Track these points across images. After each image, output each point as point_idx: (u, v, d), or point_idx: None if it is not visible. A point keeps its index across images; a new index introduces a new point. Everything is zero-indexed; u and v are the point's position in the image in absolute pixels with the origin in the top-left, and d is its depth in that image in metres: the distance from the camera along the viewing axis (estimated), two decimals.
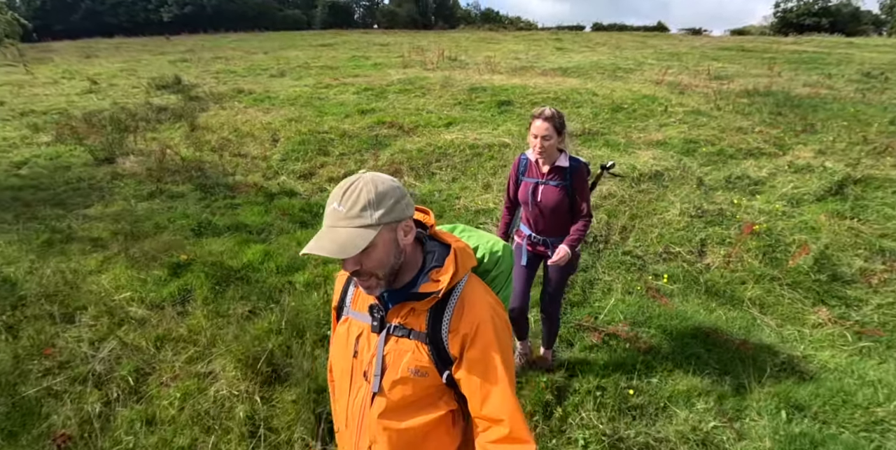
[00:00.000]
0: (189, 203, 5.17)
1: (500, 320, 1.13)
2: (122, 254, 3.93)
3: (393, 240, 1.04)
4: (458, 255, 1.11)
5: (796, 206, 5.01)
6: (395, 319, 1.12)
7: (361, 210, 0.98)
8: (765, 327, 3.41)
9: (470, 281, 1.14)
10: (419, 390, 1.11)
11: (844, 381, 2.83)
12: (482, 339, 1.07)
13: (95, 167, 6.38)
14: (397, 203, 1.02)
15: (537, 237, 2.64)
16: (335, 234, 0.98)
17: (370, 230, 0.98)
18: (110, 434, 2.35)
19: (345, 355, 1.19)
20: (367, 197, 0.98)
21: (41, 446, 2.28)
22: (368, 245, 0.97)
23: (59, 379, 2.67)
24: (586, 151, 6.72)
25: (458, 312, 1.09)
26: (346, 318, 1.22)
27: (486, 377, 1.07)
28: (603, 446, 2.28)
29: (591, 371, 2.78)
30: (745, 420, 2.51)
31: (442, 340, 1.09)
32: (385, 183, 1.02)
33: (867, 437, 2.43)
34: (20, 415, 2.47)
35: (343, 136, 7.21)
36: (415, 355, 1.10)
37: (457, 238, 1.18)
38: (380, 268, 1.03)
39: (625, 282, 3.84)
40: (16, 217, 4.80)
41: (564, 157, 2.45)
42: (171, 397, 2.49)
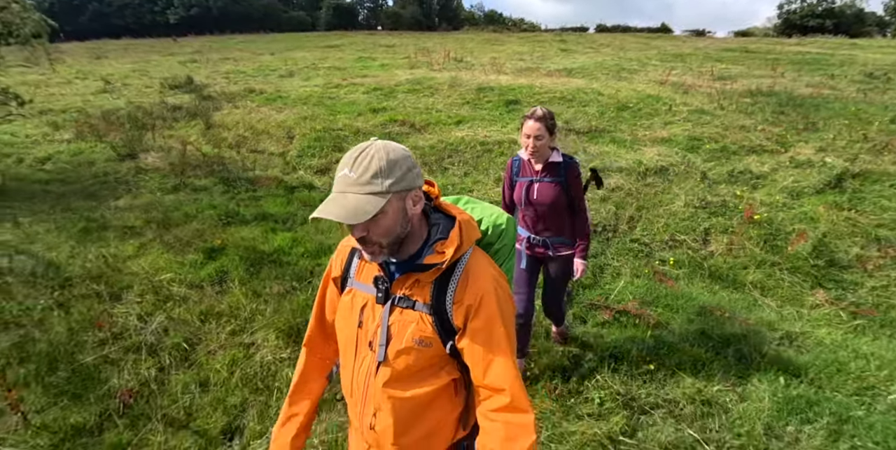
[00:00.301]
0: (213, 195, 5.44)
1: (503, 292, 1.15)
2: (156, 240, 4.20)
3: (401, 209, 1.05)
4: (463, 227, 1.12)
5: (796, 198, 5.26)
6: (400, 291, 1.14)
7: (372, 177, 0.99)
8: (765, 307, 3.66)
9: (474, 253, 1.16)
10: (423, 360, 1.13)
11: (839, 353, 3.08)
12: (485, 310, 1.10)
13: (118, 163, 6.65)
14: (408, 172, 1.03)
15: (536, 238, 2.64)
16: (345, 199, 0.99)
17: (380, 197, 0.99)
18: (167, 394, 2.60)
19: (350, 326, 1.21)
20: (379, 164, 0.99)
21: (105, 405, 2.54)
22: (377, 212, 0.99)
23: (114, 348, 2.93)
24: (594, 147, 6.98)
25: (463, 283, 1.11)
26: (351, 289, 1.24)
27: (489, 347, 1.09)
28: (617, 403, 2.53)
29: (604, 343, 3.03)
30: (746, 385, 2.75)
31: (446, 311, 1.11)
32: (397, 151, 1.03)
33: (858, 400, 2.67)
34: (80, 380, 2.72)
35: (357, 133, 7.49)
36: (419, 325, 1.12)
37: (461, 210, 1.19)
38: (386, 236, 1.05)
39: (633, 267, 4.09)
40: (51, 207, 5.07)
41: (557, 153, 2.50)
42: (221, 363, 2.75)
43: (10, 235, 4.35)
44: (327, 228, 4.47)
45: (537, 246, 2.67)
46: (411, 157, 1.06)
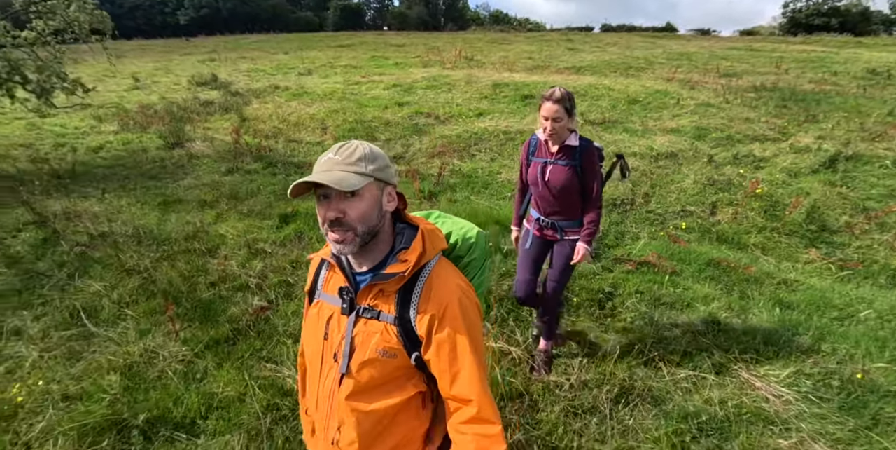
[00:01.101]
0: (265, 177, 6.14)
1: (469, 301, 1.15)
2: (231, 210, 4.92)
3: (378, 199, 1.09)
4: (427, 236, 1.15)
5: (794, 177, 5.97)
6: (365, 301, 1.15)
7: (358, 160, 1.05)
8: (765, 263, 4.35)
9: (439, 263, 1.18)
10: (388, 372, 1.14)
11: (826, 293, 3.77)
12: (450, 320, 1.10)
13: (169, 151, 7.37)
14: (388, 167, 1.10)
15: (545, 220, 2.65)
16: (331, 174, 1.03)
17: (363, 178, 1.04)
18: (281, 317, 3.30)
19: (316, 338, 1.22)
20: (363, 151, 1.07)
21: (233, 325, 3.23)
22: (358, 191, 1.03)
23: (225, 287, 3.63)
24: (608, 136, 7.69)
25: (426, 293, 1.12)
26: (318, 300, 1.25)
27: (455, 358, 1.10)
28: (644, 322, 3.23)
29: (630, 284, 3.72)
30: (748, 313, 3.44)
31: (410, 321, 1.12)
32: (377, 148, 1.10)
33: (839, 323, 3.37)
34: (203, 309, 3.42)
35: (386, 124, 8.22)
36: (383, 336, 1.13)
37: (427, 222, 1.23)
38: (361, 221, 1.06)
39: (650, 231, 4.80)
40: (122, 187, 5.78)
41: (574, 136, 2.48)
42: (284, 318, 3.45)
43: (100, 207, 5.06)
44: None
45: (546, 228, 2.67)
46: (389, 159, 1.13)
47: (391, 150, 7.32)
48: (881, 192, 5.54)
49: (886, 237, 4.64)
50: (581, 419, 2.47)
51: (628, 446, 2.31)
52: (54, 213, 4.75)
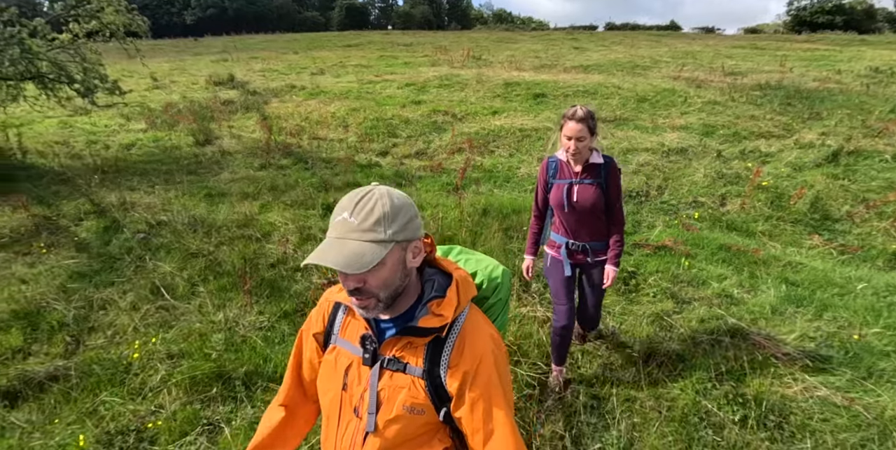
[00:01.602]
0: (298, 172, 6.58)
1: (501, 354, 1.12)
2: (275, 201, 5.36)
3: (402, 260, 1.02)
4: (461, 285, 1.11)
5: (798, 170, 6.41)
6: (390, 352, 1.10)
7: (375, 224, 0.96)
8: (772, 248, 4.80)
9: (470, 312, 1.13)
10: (414, 428, 1.10)
11: (828, 273, 4.21)
12: (484, 376, 1.06)
13: (200, 147, 7.82)
14: (411, 221, 1.01)
15: (575, 244, 2.63)
16: (343, 246, 0.96)
17: (382, 246, 0.96)
18: None
19: (333, 388, 1.16)
20: (383, 210, 0.97)
21: (299, 300, 3.67)
22: (377, 263, 0.96)
23: (284, 268, 4.07)
24: (620, 133, 8.14)
25: (459, 347, 1.07)
26: (335, 347, 1.19)
27: (490, 415, 1.06)
28: (665, 296, 3.68)
29: (650, 265, 4.17)
30: (757, 290, 3.88)
31: (440, 375, 1.07)
32: (401, 198, 1.01)
33: (839, 297, 3.80)
34: (268, 286, 3.86)
35: (406, 122, 8.67)
36: (411, 391, 1.08)
37: (457, 266, 1.18)
38: (384, 288, 1.02)
39: (664, 220, 5.24)
40: (166, 181, 6.22)
41: (597, 154, 2.50)
42: None
43: (150, 198, 5.50)
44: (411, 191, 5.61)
45: (577, 252, 2.66)
46: (414, 205, 1.04)
47: (413, 146, 7.77)
48: (881, 184, 5.98)
49: (884, 225, 5.08)
50: (617, 373, 2.91)
51: (658, 393, 2.75)
52: (111, 203, 5.19)
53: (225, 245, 4.44)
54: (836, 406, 2.66)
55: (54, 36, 7.13)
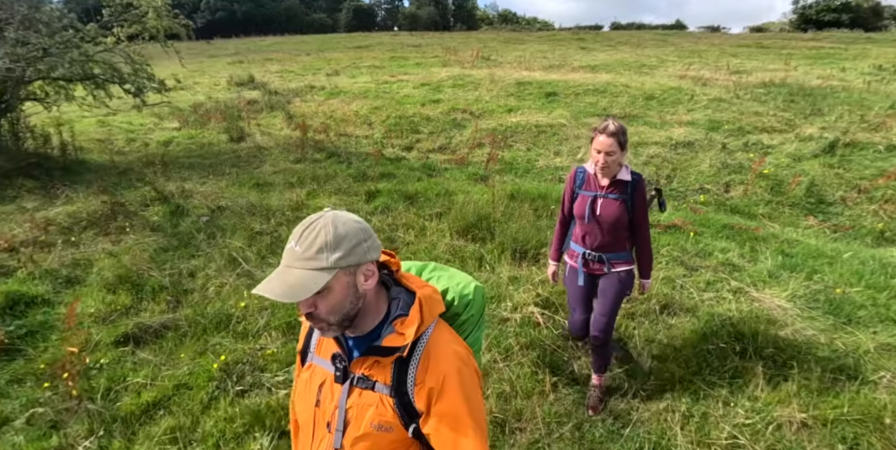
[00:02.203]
0: (333, 164, 7.25)
1: (469, 370, 1.15)
2: (319, 189, 6.03)
3: (351, 284, 1.06)
4: (424, 303, 1.14)
5: (798, 161, 7.06)
6: (359, 370, 1.15)
7: (317, 252, 1.00)
8: (770, 227, 5.44)
9: (436, 329, 1.17)
10: (383, 446, 1.14)
11: (820, 248, 4.85)
12: (449, 392, 1.10)
13: (235, 143, 8.50)
14: (357, 246, 1.04)
15: (592, 254, 2.70)
16: (288, 275, 1.01)
17: (324, 273, 1.01)
18: None
19: (307, 404, 1.22)
20: (325, 238, 1.01)
21: None
22: (322, 289, 1.01)
23: None
24: (631, 129, 8.77)
25: (424, 364, 1.11)
26: (310, 364, 1.25)
27: (457, 431, 1.10)
28: (675, 263, 4.32)
29: (662, 240, 4.81)
30: (756, 260, 4.52)
31: (407, 392, 1.11)
32: (347, 224, 1.05)
33: (829, 266, 4.44)
34: None
35: (427, 119, 9.34)
36: (378, 409, 1.12)
37: (423, 283, 1.21)
38: (333, 313, 1.06)
39: (673, 205, 5.89)
40: (211, 173, 6.89)
41: (626, 170, 2.55)
42: (418, 248, 4.54)
43: (205, 187, 6.17)
44: (438, 182, 6.26)
45: (593, 262, 2.74)
46: (366, 229, 1.08)
47: (436, 141, 8.44)
48: (873, 172, 6.62)
49: (873, 207, 5.72)
50: (635, 320, 3.55)
51: (672, 334, 3.40)
52: (171, 191, 5.85)
53: (283, 225, 5.09)
54: (821, 343, 3.29)
55: (100, 39, 7.82)
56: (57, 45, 6.80)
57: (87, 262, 4.39)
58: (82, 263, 4.36)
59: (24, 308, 3.73)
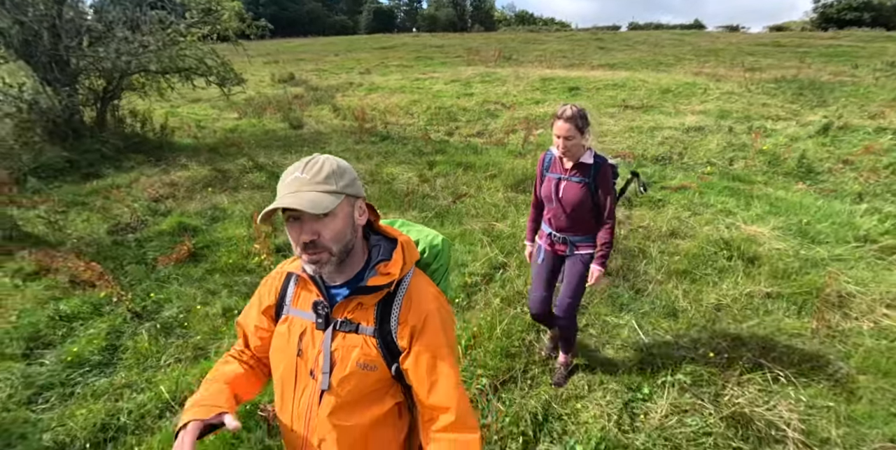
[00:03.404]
0: (389, 145, 8.74)
1: (445, 311, 1.30)
2: (386, 161, 7.52)
3: (351, 215, 1.18)
4: (405, 248, 1.28)
5: (795, 141, 8.44)
6: (342, 315, 1.25)
7: (326, 177, 1.12)
8: (766, 190, 6.83)
9: (415, 274, 1.31)
10: (368, 385, 1.25)
11: (802, 202, 6.23)
12: (429, 329, 1.24)
13: (295, 130, 10.04)
14: (355, 180, 1.19)
15: (557, 235, 2.87)
16: (301, 195, 1.10)
17: (335, 196, 1.12)
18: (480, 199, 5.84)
19: (288, 355, 1.30)
20: (331, 167, 1.14)
21: (440, 207, 5.77)
22: (331, 212, 1.11)
23: (416, 195, 6.19)
24: (647, 117, 10.22)
25: (407, 304, 1.25)
26: (287, 316, 1.33)
27: (433, 367, 1.22)
28: (683, 209, 5.73)
29: (673, 198, 6.22)
30: (750, 209, 5.92)
31: (391, 332, 1.24)
32: (342, 162, 1.19)
33: (805, 212, 5.82)
34: (418, 200, 5.96)
35: (463, 109, 10.85)
36: (363, 349, 1.23)
37: (400, 232, 1.35)
38: (336, 241, 1.16)
39: (684, 175, 7.29)
40: (286, 150, 8.40)
41: (589, 154, 2.68)
42: (480, 199, 6.00)
43: (288, 159, 7.67)
44: (485, 155, 7.72)
45: (558, 243, 2.91)
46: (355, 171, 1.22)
47: (474, 128, 9.93)
48: (860, 149, 7.98)
49: (854, 174, 7.09)
50: (650, 239, 4.97)
51: (677, 245, 4.81)
52: (263, 162, 7.37)
53: (368, 185, 6.57)
54: (788, 254, 4.69)
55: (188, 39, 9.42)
56: (156, 42, 8.39)
57: (219, 208, 5.89)
58: (217, 208, 5.86)
59: (191, 233, 5.22)
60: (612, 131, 9.31)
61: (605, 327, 3.66)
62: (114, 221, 5.47)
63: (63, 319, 3.73)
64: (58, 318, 3.73)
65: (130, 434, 2.75)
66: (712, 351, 3.33)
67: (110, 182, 6.73)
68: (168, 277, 4.37)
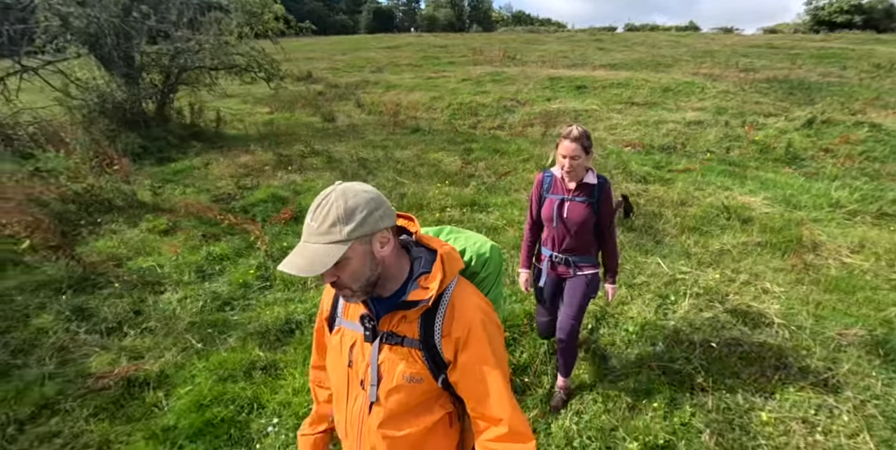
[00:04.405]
0: (420, 135, 10.04)
1: (491, 321, 1.35)
2: (429, 146, 8.82)
3: (368, 252, 1.23)
4: (445, 259, 1.32)
5: (783, 133, 9.90)
6: (387, 327, 1.33)
7: (330, 226, 1.17)
8: (758, 173, 8.24)
9: (459, 284, 1.36)
10: (415, 397, 1.33)
11: (787, 180, 7.63)
12: (475, 341, 1.29)
13: (329, 123, 11.31)
14: (369, 216, 1.19)
15: (559, 256, 2.97)
16: (306, 250, 1.18)
17: (340, 246, 1.17)
18: (513, 180, 7.16)
19: (340, 365, 1.42)
20: (336, 213, 1.17)
21: (483, 185, 7.08)
22: (340, 259, 1.18)
23: (461, 175, 7.49)
24: (651, 113, 11.65)
25: (449, 316, 1.30)
26: (339, 328, 1.45)
27: (482, 378, 1.29)
28: (689, 185, 7.10)
29: (679, 177, 7.59)
30: (745, 185, 7.31)
31: (435, 344, 1.30)
32: (357, 196, 1.20)
33: (790, 188, 7.22)
34: (461, 178, 7.27)
35: (482, 105, 12.21)
36: (409, 362, 1.31)
37: (442, 242, 1.39)
38: (354, 281, 1.23)
39: (687, 160, 8.69)
40: (331, 140, 9.66)
41: (592, 174, 2.82)
42: (517, 178, 7.32)
43: (338, 147, 8.94)
44: (511, 143, 9.05)
45: (559, 264, 3.00)
46: (376, 198, 1.22)
47: (494, 122, 11.28)
48: (838, 139, 9.45)
49: (833, 161, 8.54)
50: (665, 206, 6.32)
51: (686, 211, 6.16)
52: (318, 149, 8.63)
53: (416, 167, 7.85)
54: (774, 216, 6.06)
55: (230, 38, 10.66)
56: (211, 41, 9.63)
57: (296, 183, 7.14)
58: (295, 184, 7.12)
59: (280, 203, 6.46)
60: (622, 125, 10.72)
61: (636, 264, 4.99)
62: (214, 192, 6.71)
63: (215, 258, 4.98)
64: (211, 258, 4.98)
65: (306, 325, 4.01)
66: (718, 275, 4.68)
67: (188, 164, 7.97)
68: (280, 233, 5.62)
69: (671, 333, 3.85)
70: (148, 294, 4.36)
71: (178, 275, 4.67)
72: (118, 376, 3.36)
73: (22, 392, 3.25)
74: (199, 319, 4.06)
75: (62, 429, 3.00)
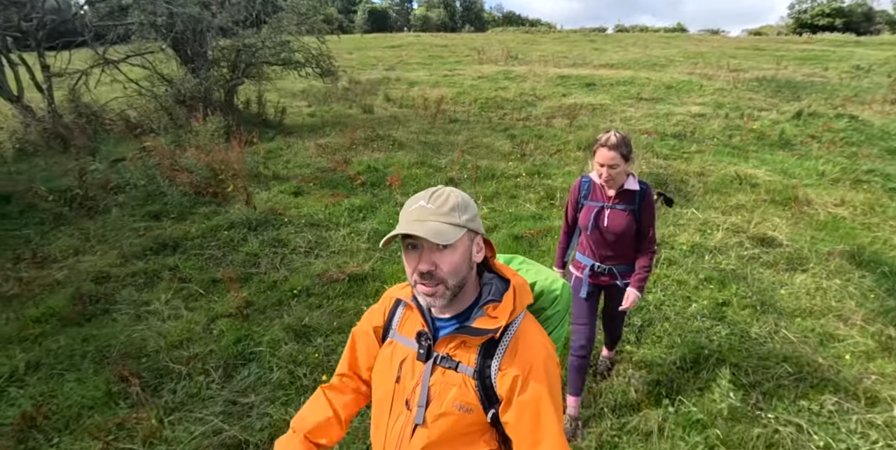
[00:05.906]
0: (460, 125, 11.89)
1: (552, 363, 1.35)
2: (474, 133, 10.70)
3: (469, 249, 1.29)
4: (518, 291, 1.34)
5: (776, 123, 12.07)
6: (444, 350, 1.34)
7: (451, 209, 1.24)
8: (757, 155, 10.32)
9: (525, 319, 1.37)
10: (462, 426, 1.33)
11: (782, 160, 9.72)
12: (534, 382, 1.28)
13: (369, 115, 13.10)
14: (476, 216, 1.31)
15: (601, 267, 3.01)
16: (424, 224, 1.22)
17: (457, 229, 1.23)
18: (559, 162, 9.08)
19: (387, 379, 1.43)
20: (455, 200, 1.27)
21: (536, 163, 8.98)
22: (451, 244, 1.22)
23: (511, 158, 9.38)
24: (660, 107, 13.75)
25: (512, 351, 1.31)
26: (392, 340, 1.47)
27: (538, 423, 1.27)
28: (699, 162, 9.13)
29: (695, 158, 9.62)
30: (747, 162, 9.35)
31: (490, 376, 1.30)
32: (468, 196, 1.31)
33: (782, 164, 9.29)
34: (508, 159, 9.16)
35: (505, 100, 14.17)
36: (461, 389, 1.31)
37: (515, 272, 1.42)
38: (453, 274, 1.26)
39: (696, 146, 10.75)
40: (387, 127, 11.46)
41: (633, 180, 2.80)
42: (563, 157, 9.25)
43: (394, 132, 10.74)
44: (554, 129, 10.98)
45: (602, 274, 3.04)
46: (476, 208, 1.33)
47: (520, 114, 13.23)
48: (822, 128, 11.63)
49: (818, 145, 10.71)
50: (688, 175, 8.31)
51: (703, 181, 8.16)
52: (382, 134, 10.42)
53: (474, 149, 9.70)
54: (776, 182, 8.08)
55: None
56: (273, 38, 11.37)
57: (380, 160, 8.92)
58: (379, 160, 8.90)
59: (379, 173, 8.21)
60: (635, 117, 12.77)
61: (676, 214, 6.92)
62: (316, 166, 8.47)
63: (356, 209, 6.76)
64: (353, 208, 6.76)
65: None
66: (739, 218, 6.65)
67: (274, 145, 9.69)
68: (391, 194, 7.41)
69: (714, 249, 5.79)
70: (321, 230, 6.12)
71: (335, 219, 6.44)
72: (344, 273, 5.13)
73: (271, 287, 5.00)
74: (370, 244, 5.85)
75: (321, 303, 4.76)
